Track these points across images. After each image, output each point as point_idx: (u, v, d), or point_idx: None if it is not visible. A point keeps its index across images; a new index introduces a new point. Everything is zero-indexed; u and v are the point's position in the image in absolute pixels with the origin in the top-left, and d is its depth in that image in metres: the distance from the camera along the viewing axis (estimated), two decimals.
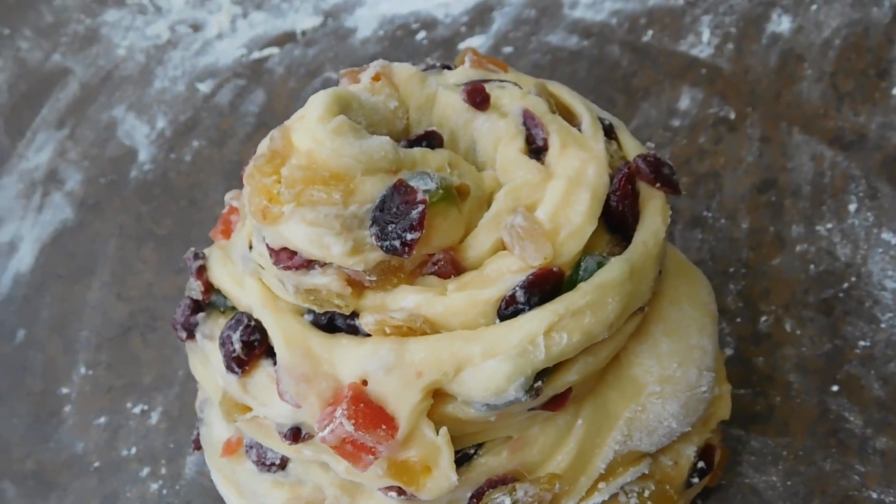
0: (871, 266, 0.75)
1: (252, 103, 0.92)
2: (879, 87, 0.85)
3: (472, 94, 0.60)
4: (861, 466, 0.67)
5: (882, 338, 0.72)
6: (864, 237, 0.77)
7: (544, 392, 0.53)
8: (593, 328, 0.53)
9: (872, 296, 0.74)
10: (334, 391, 0.53)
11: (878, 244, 0.76)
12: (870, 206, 0.78)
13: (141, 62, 0.98)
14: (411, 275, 0.55)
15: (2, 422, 0.76)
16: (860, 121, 0.83)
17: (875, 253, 0.76)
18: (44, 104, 0.96)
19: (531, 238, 0.53)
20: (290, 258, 0.55)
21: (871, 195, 0.79)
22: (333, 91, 0.57)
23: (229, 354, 0.57)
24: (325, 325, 0.56)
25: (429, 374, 0.52)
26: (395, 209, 0.53)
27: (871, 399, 0.69)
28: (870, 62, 0.87)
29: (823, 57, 0.88)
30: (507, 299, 0.53)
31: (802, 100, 0.85)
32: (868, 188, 0.79)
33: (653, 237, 0.57)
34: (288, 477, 0.60)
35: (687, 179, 0.83)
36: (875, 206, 0.78)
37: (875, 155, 0.81)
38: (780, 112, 0.85)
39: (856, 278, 0.75)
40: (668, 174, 0.60)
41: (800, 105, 0.85)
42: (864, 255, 0.76)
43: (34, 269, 0.84)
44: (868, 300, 0.74)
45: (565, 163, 0.57)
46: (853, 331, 0.73)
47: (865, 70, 0.86)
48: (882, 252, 0.75)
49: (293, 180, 0.53)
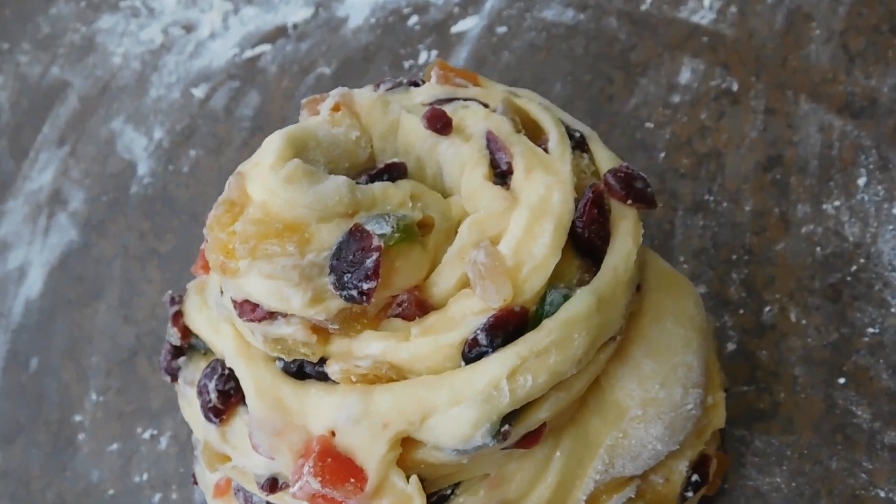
0: (882, 245, 0.72)
1: (247, 106, 0.92)
2: (893, 44, 0.80)
3: (433, 121, 0.58)
4: (869, 463, 0.65)
5: (892, 323, 0.69)
6: (874, 213, 0.73)
7: (514, 433, 0.52)
8: (560, 367, 0.51)
9: (882, 278, 0.71)
10: (306, 443, 0.53)
11: (888, 220, 0.73)
12: (880, 178, 0.74)
13: (136, 69, 0.97)
14: (375, 318, 0.54)
15: (23, 453, 0.79)
16: (871, 84, 0.79)
17: (885, 230, 0.72)
18: (45, 121, 0.96)
19: (492, 277, 0.52)
20: (253, 310, 0.54)
21: (881, 166, 0.75)
22: (287, 133, 0.56)
23: (206, 404, 0.57)
24: (296, 371, 0.56)
25: (395, 424, 0.52)
26: (351, 257, 0.52)
27: (881, 390, 0.67)
28: (882, 16, 0.81)
29: (833, 14, 0.83)
30: (469, 342, 0.52)
31: (810, 64, 0.81)
32: (879, 159, 0.75)
33: (623, 261, 0.55)
34: None
35: (688, 161, 0.80)
36: (886, 178, 0.74)
37: (887, 121, 0.76)
38: (786, 79, 0.81)
39: (865, 259, 0.72)
40: (642, 188, 0.58)
41: (807, 70, 0.81)
42: (873, 234, 0.72)
43: (44, 295, 0.86)
44: (878, 283, 0.71)
45: (530, 189, 0.55)
46: (861, 317, 0.70)
47: (878, 26, 0.81)
48: (893, 229, 0.72)
49: (246, 236, 0.52)
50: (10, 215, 0.91)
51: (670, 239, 0.77)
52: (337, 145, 0.58)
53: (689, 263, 0.75)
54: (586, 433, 0.57)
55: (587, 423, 0.57)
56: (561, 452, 0.56)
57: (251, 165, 0.55)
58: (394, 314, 0.54)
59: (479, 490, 0.56)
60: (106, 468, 0.76)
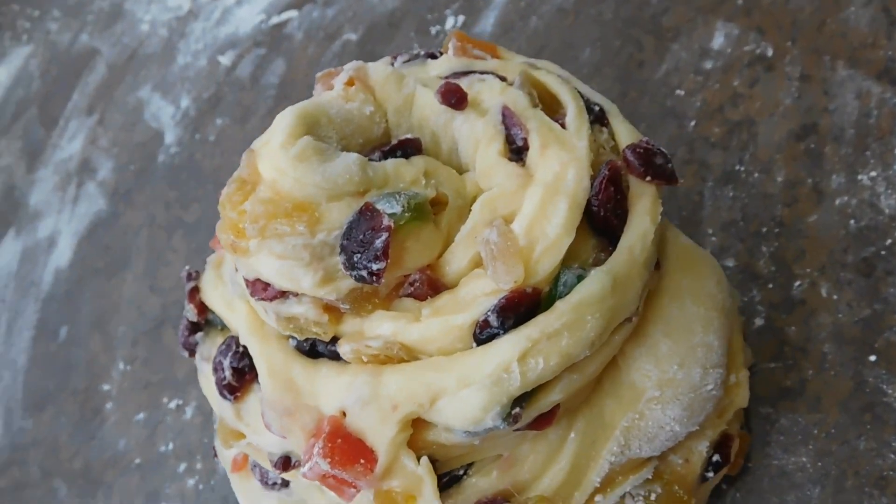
0: None
1: (273, 74, 0.91)
2: None
3: (447, 95, 0.57)
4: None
5: None
6: None
7: (525, 415, 0.51)
8: (572, 349, 0.50)
9: None
10: (317, 423, 0.53)
11: None
12: None
13: (164, 37, 0.97)
14: (387, 298, 0.54)
15: (52, 421, 0.80)
16: None
17: None
18: (74, 89, 0.96)
19: (503, 258, 0.51)
20: (265, 289, 0.54)
21: None
22: (298, 110, 0.55)
23: (220, 381, 0.58)
24: (309, 350, 0.55)
25: (404, 406, 0.51)
26: (361, 237, 0.51)
27: None
28: None
29: None
30: (480, 324, 0.51)
31: (849, 28, 0.78)
32: None
33: (640, 241, 0.53)
34: (291, 496, 0.61)
35: (719, 130, 0.78)
36: None
37: None
38: (823, 44, 0.78)
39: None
40: (661, 164, 0.56)
41: (846, 34, 0.78)
42: None
43: (73, 265, 0.86)
44: None
45: (545, 165, 0.54)
46: (895, 293, 0.68)
47: None
48: None
49: (256, 215, 0.52)
50: (41, 184, 0.92)
51: (699, 210, 0.75)
52: (350, 121, 0.57)
53: (718, 236, 0.74)
54: (601, 414, 0.56)
55: (602, 405, 0.56)
56: (575, 434, 0.55)
57: (262, 143, 0.55)
58: (406, 294, 0.54)
59: (491, 471, 0.55)
60: (132, 437, 0.77)
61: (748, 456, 0.66)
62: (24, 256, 0.87)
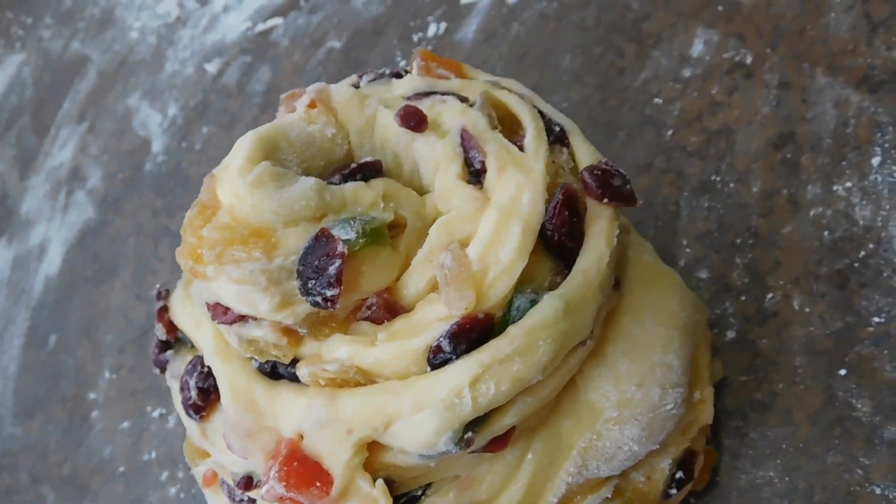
0: (893, 229, 0.69)
1: (258, 82, 0.92)
2: None
3: (406, 118, 0.57)
4: (866, 459, 0.63)
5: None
6: (886, 195, 0.70)
7: (479, 439, 0.52)
8: (524, 374, 0.51)
9: (892, 264, 0.68)
10: (276, 444, 0.54)
11: None
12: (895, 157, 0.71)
13: (153, 44, 0.98)
14: (345, 321, 0.55)
15: (42, 428, 0.82)
16: (893, 55, 0.75)
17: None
18: (66, 96, 0.97)
19: (455, 283, 0.52)
20: (225, 313, 0.55)
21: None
22: (257, 134, 0.55)
23: (186, 401, 0.59)
24: (270, 371, 0.56)
25: (359, 430, 0.52)
26: (316, 262, 0.52)
27: (883, 383, 0.65)
28: None
29: None
30: (433, 349, 0.51)
31: (829, 34, 0.77)
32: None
33: (595, 265, 0.54)
34: None
35: (696, 139, 0.77)
36: None
37: None
38: (803, 51, 0.78)
39: (874, 244, 0.69)
40: (619, 185, 0.56)
41: (826, 41, 0.77)
42: (885, 217, 0.69)
43: (62, 273, 0.88)
44: (887, 269, 0.68)
45: (501, 189, 0.54)
46: (868, 305, 0.67)
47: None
48: None
49: (213, 242, 0.52)
50: (33, 191, 0.93)
51: (675, 221, 0.75)
52: (312, 144, 0.58)
53: (693, 247, 0.74)
54: (559, 435, 0.57)
55: (560, 425, 0.57)
56: (532, 454, 0.56)
57: (222, 168, 0.55)
58: (363, 317, 0.54)
59: (449, 491, 0.56)
60: (117, 445, 0.78)
61: (716, 470, 0.66)
62: (16, 264, 0.88)
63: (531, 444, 0.56)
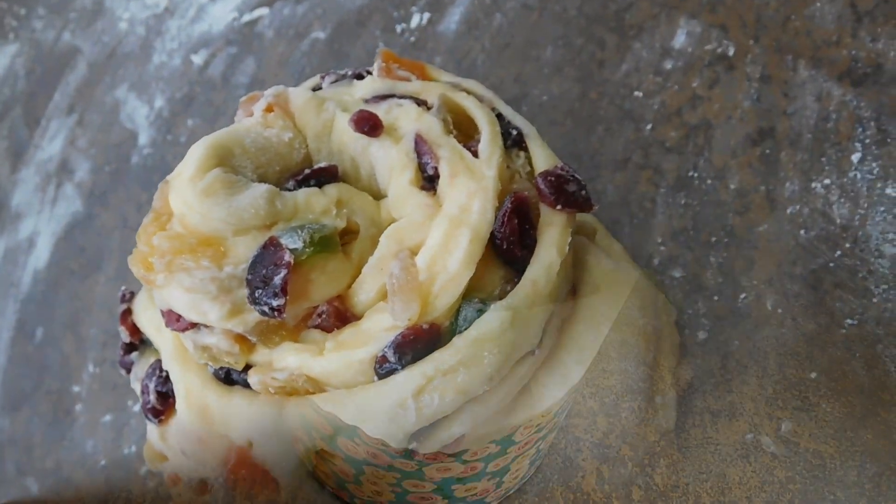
0: (870, 228, 0.68)
1: (243, 73, 0.91)
2: None
3: (360, 123, 0.57)
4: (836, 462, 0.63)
5: (872, 314, 0.65)
6: (865, 193, 0.69)
7: (425, 447, 0.52)
8: (468, 386, 0.51)
9: (867, 264, 0.67)
10: (227, 451, 0.54)
11: (880, 201, 0.68)
12: (876, 154, 0.70)
13: (141, 35, 0.98)
14: (296, 329, 0.55)
15: (27, 421, 0.83)
16: (878, 47, 0.73)
17: (876, 212, 0.68)
18: (56, 88, 0.98)
19: (401, 294, 0.51)
20: (178, 320, 0.55)
21: (879, 141, 0.70)
22: (210, 141, 0.55)
23: (146, 404, 0.59)
24: (225, 377, 0.57)
25: (306, 439, 0.52)
26: (264, 272, 0.52)
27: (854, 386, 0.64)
28: None
29: None
30: (379, 359, 0.51)
31: (814, 25, 0.76)
32: (877, 132, 0.70)
33: (544, 273, 0.53)
34: None
35: (675, 134, 0.76)
36: (883, 153, 0.69)
37: (890, 90, 0.71)
38: (787, 42, 0.76)
39: (851, 244, 0.68)
40: (574, 191, 0.55)
41: (810, 32, 0.76)
42: (862, 216, 0.68)
43: (50, 266, 0.89)
44: (862, 270, 0.67)
45: (452, 196, 0.54)
46: (841, 307, 0.66)
47: None
48: (884, 211, 0.68)
49: (162, 251, 0.53)
50: (23, 184, 0.94)
51: (651, 218, 0.74)
52: (267, 149, 0.58)
53: (668, 245, 0.73)
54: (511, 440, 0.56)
55: None
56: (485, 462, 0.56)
57: (175, 175, 0.55)
58: (314, 325, 0.54)
59: None
60: (99, 439, 0.79)
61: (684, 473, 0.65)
62: (6, 257, 0.89)
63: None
